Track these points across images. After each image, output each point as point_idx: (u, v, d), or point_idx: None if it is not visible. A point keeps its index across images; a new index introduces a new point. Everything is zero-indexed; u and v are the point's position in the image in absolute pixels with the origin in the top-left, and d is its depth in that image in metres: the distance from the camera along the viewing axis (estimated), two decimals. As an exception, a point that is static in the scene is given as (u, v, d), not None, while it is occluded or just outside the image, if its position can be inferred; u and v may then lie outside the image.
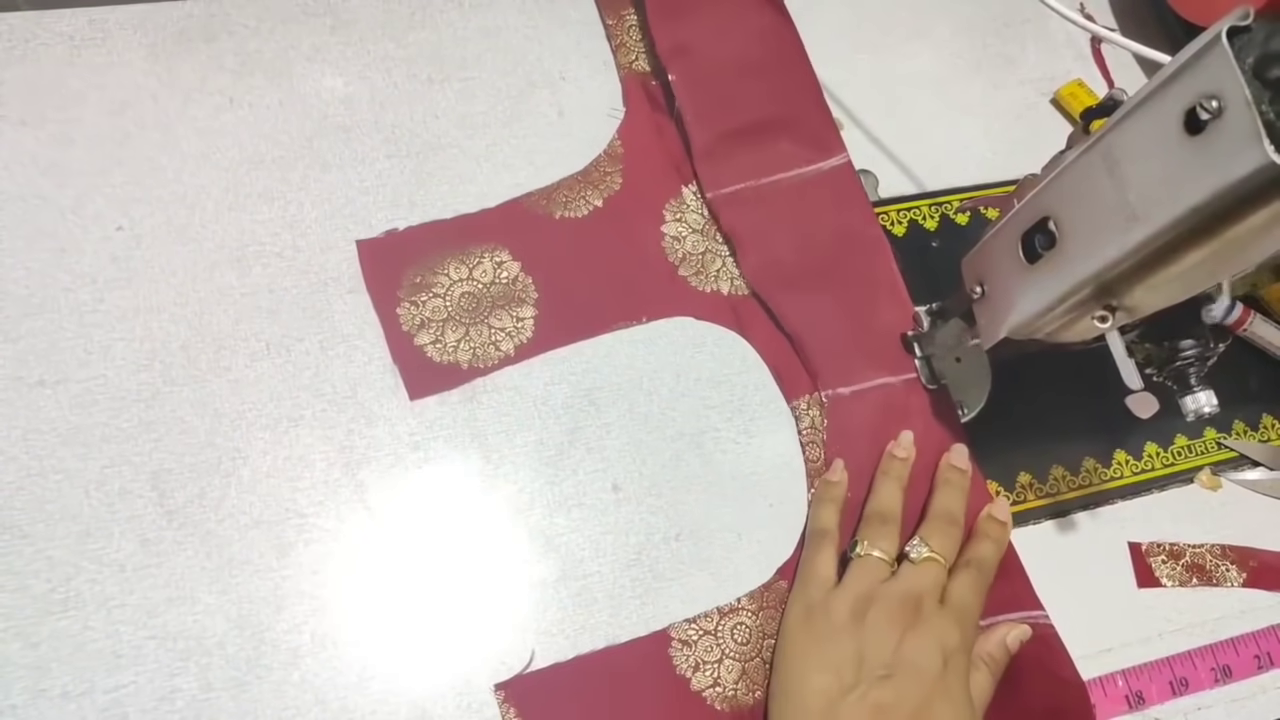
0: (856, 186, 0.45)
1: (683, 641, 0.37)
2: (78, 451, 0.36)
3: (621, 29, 0.48)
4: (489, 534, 0.38)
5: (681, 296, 0.43)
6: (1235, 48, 0.24)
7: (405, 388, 0.39)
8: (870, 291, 0.44)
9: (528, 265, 0.42)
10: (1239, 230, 0.26)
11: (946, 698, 0.34)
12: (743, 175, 0.45)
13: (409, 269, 0.41)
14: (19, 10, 0.42)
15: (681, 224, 0.45)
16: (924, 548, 0.37)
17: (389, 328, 0.40)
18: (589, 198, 0.44)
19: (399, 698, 0.35)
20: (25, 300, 0.38)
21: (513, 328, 0.41)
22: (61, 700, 0.33)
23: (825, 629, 0.35)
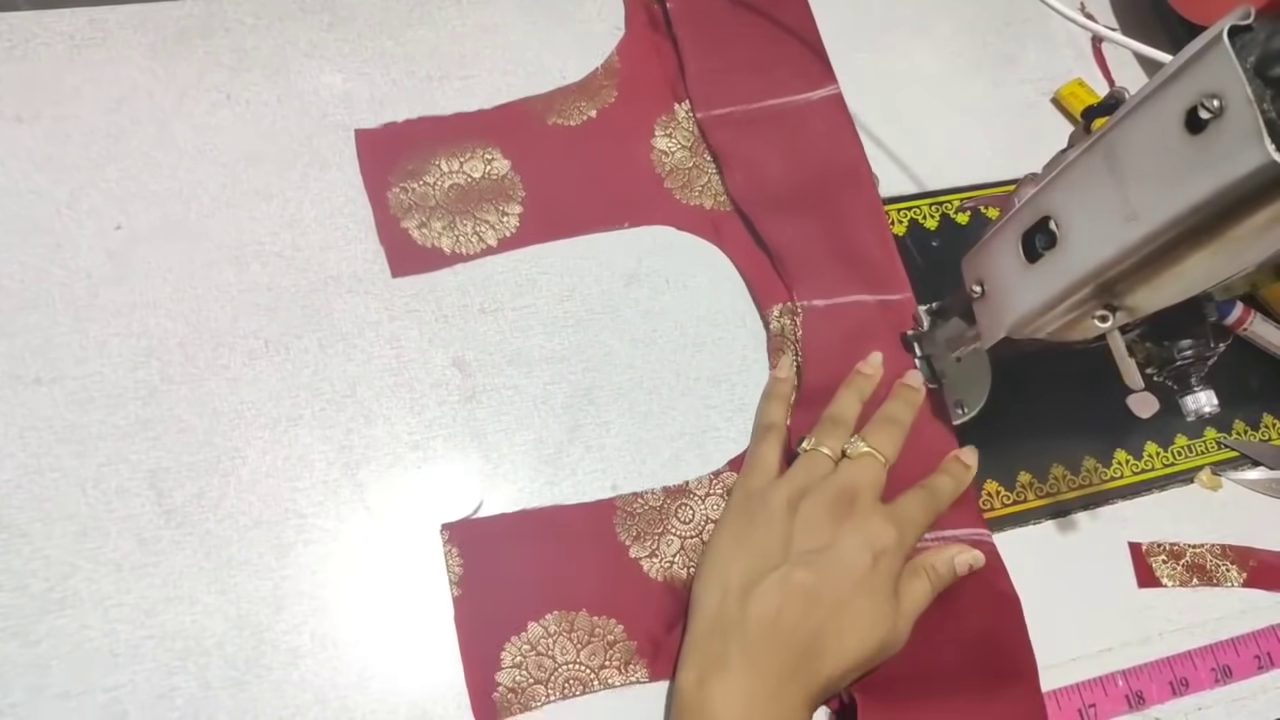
0: (845, 118, 0.47)
1: (628, 513, 0.39)
2: (74, 449, 0.36)
3: None
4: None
5: (665, 207, 0.45)
6: (1236, 47, 0.24)
7: (389, 265, 0.41)
8: (851, 215, 0.45)
9: (518, 164, 0.44)
10: (1239, 230, 0.26)
11: (870, 594, 0.34)
12: (734, 99, 0.46)
13: (403, 158, 0.43)
14: (19, 10, 0.42)
15: (671, 140, 0.46)
16: (862, 443, 0.38)
17: (378, 209, 0.42)
18: (583, 108, 0.46)
19: (398, 697, 0.35)
20: (21, 296, 0.38)
21: (498, 221, 0.42)
22: (60, 699, 0.33)
23: (760, 516, 0.36)
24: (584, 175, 0.45)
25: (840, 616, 0.34)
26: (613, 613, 0.37)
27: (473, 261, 0.42)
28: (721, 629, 0.34)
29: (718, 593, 0.35)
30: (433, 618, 0.37)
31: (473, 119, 0.44)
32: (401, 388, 0.39)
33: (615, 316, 0.43)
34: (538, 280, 0.43)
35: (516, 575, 0.37)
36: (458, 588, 0.36)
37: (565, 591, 0.37)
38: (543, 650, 0.36)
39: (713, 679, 0.33)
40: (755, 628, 0.33)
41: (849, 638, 0.34)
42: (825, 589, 0.34)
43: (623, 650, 0.36)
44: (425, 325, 0.41)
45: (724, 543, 0.37)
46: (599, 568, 0.38)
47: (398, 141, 0.43)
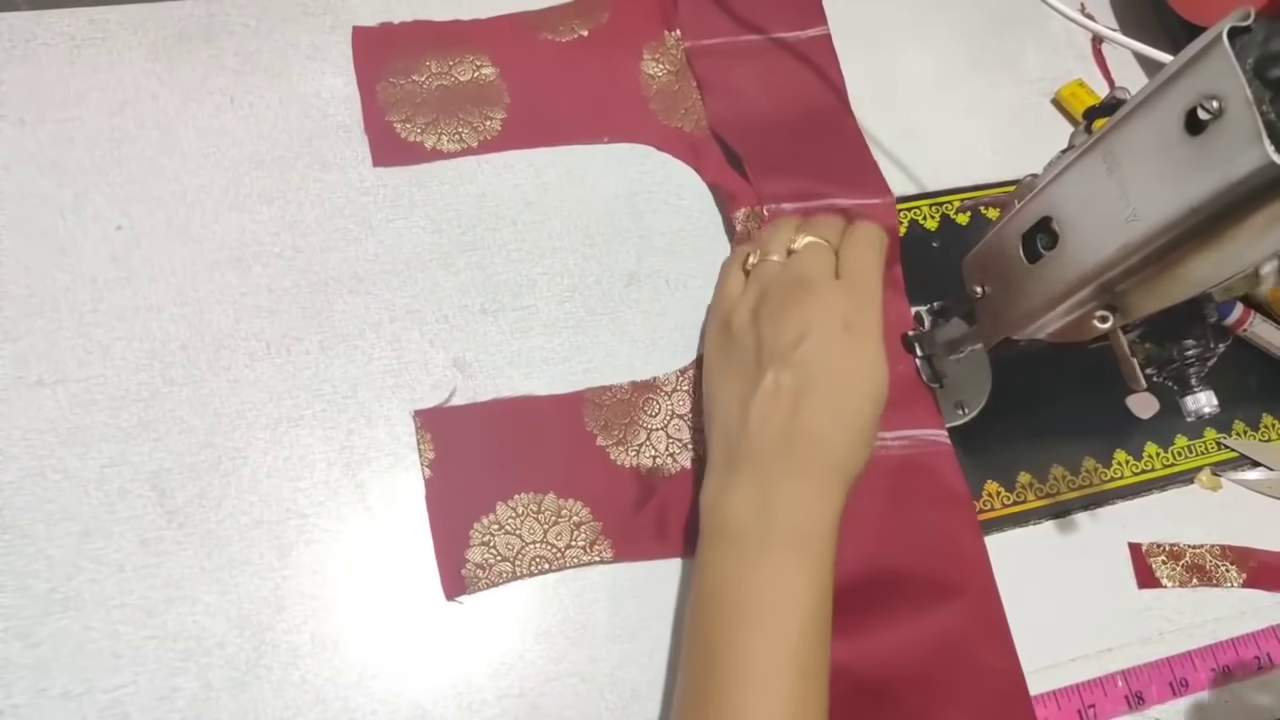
0: (832, 59, 0.48)
1: (596, 404, 0.40)
2: (77, 451, 0.36)
3: None
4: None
5: (647, 126, 0.46)
6: (1236, 48, 0.24)
7: (371, 154, 0.42)
8: (830, 143, 0.46)
9: (505, 73, 0.45)
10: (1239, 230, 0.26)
11: (856, 355, 0.35)
12: (723, 30, 0.48)
13: (395, 56, 0.44)
14: (19, 10, 0.42)
15: (659, 64, 0.47)
16: (804, 236, 0.38)
17: (366, 100, 0.43)
18: (575, 26, 0.47)
19: (399, 697, 0.35)
20: (24, 300, 0.38)
21: (480, 124, 0.43)
22: (62, 700, 0.33)
23: (732, 339, 0.37)
24: (569, 88, 0.45)
25: (836, 396, 0.34)
26: (579, 495, 0.38)
27: (453, 159, 0.43)
28: (729, 451, 0.35)
29: (719, 423, 0.36)
30: (433, 618, 0.37)
31: (467, 26, 0.46)
32: (402, 389, 0.40)
33: (615, 318, 0.43)
34: (537, 281, 0.43)
35: (486, 459, 0.38)
36: (429, 469, 0.37)
37: (533, 474, 0.38)
38: (510, 530, 0.37)
39: (726, 492, 0.34)
40: (758, 439, 0.34)
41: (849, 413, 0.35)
42: (813, 375, 0.34)
43: (588, 531, 0.38)
44: (426, 326, 0.41)
45: (712, 378, 0.38)
46: (567, 453, 0.39)
47: (392, 40, 0.44)
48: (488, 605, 0.37)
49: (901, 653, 0.37)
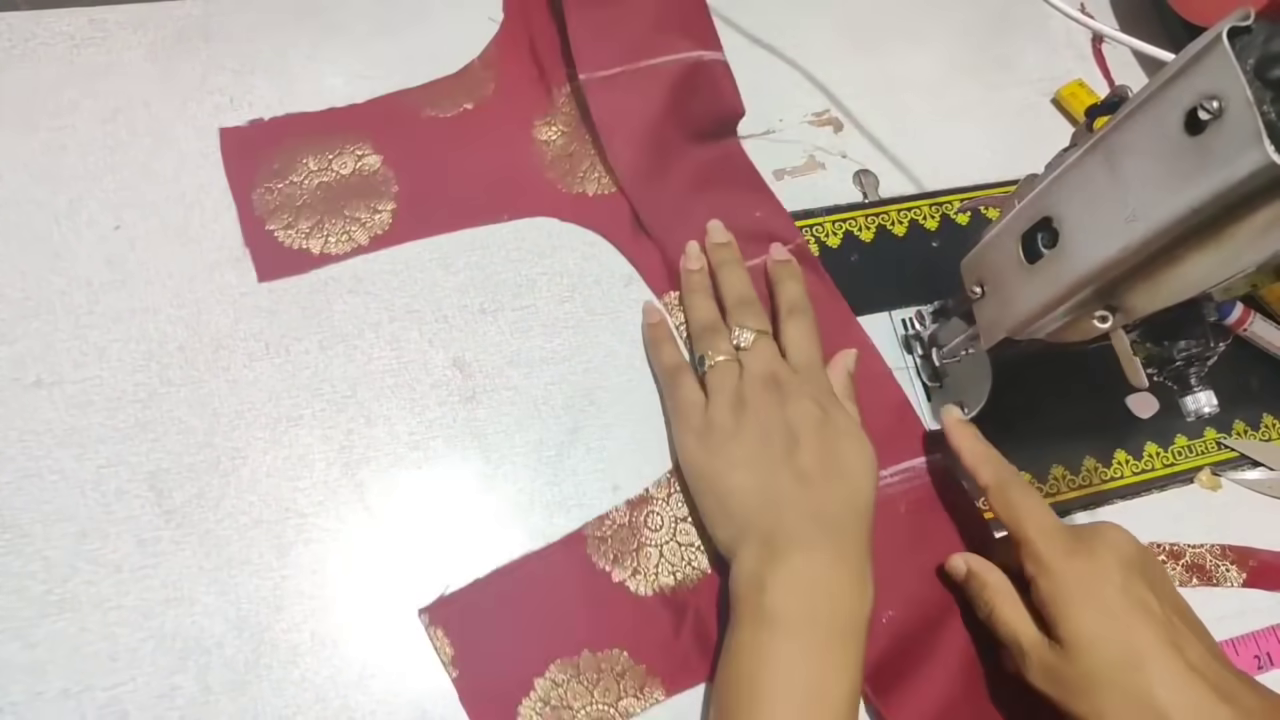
0: (730, 86, 0.45)
1: (599, 539, 0.38)
2: (74, 452, 0.36)
3: None
4: (489, 534, 0.38)
5: (547, 197, 0.44)
6: (1236, 48, 0.24)
7: (254, 269, 0.40)
8: (732, 187, 0.45)
9: (390, 159, 0.42)
10: (1239, 230, 0.26)
11: (844, 436, 0.37)
12: (619, 58, 0.44)
13: (270, 157, 0.41)
14: (19, 10, 0.42)
15: (552, 128, 0.45)
16: (745, 332, 0.39)
17: (243, 211, 0.40)
18: (460, 99, 0.44)
19: (399, 697, 0.35)
20: (21, 302, 0.38)
21: (369, 219, 0.41)
22: (60, 700, 0.33)
23: (719, 440, 0.37)
24: (460, 168, 0.43)
25: (846, 481, 0.36)
26: (614, 643, 0.36)
27: (343, 261, 0.40)
28: (765, 535, 0.34)
29: (738, 514, 0.35)
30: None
31: (343, 114, 0.43)
32: (402, 388, 0.39)
33: (615, 317, 0.43)
34: (537, 281, 0.43)
35: (509, 637, 0.36)
36: (454, 668, 0.35)
37: (562, 638, 0.36)
38: (557, 702, 0.35)
39: (767, 576, 0.33)
40: (794, 523, 0.34)
41: (860, 478, 0.36)
42: (820, 457, 0.36)
43: (634, 676, 0.36)
44: (425, 326, 0.41)
45: (709, 484, 0.37)
46: (587, 604, 0.37)
47: (264, 140, 0.42)
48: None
49: (953, 684, 0.37)
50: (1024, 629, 0.34)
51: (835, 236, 0.46)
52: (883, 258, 0.46)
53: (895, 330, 0.45)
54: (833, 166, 0.49)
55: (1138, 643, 0.32)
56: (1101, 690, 0.32)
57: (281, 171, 0.41)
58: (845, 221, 0.47)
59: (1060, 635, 0.33)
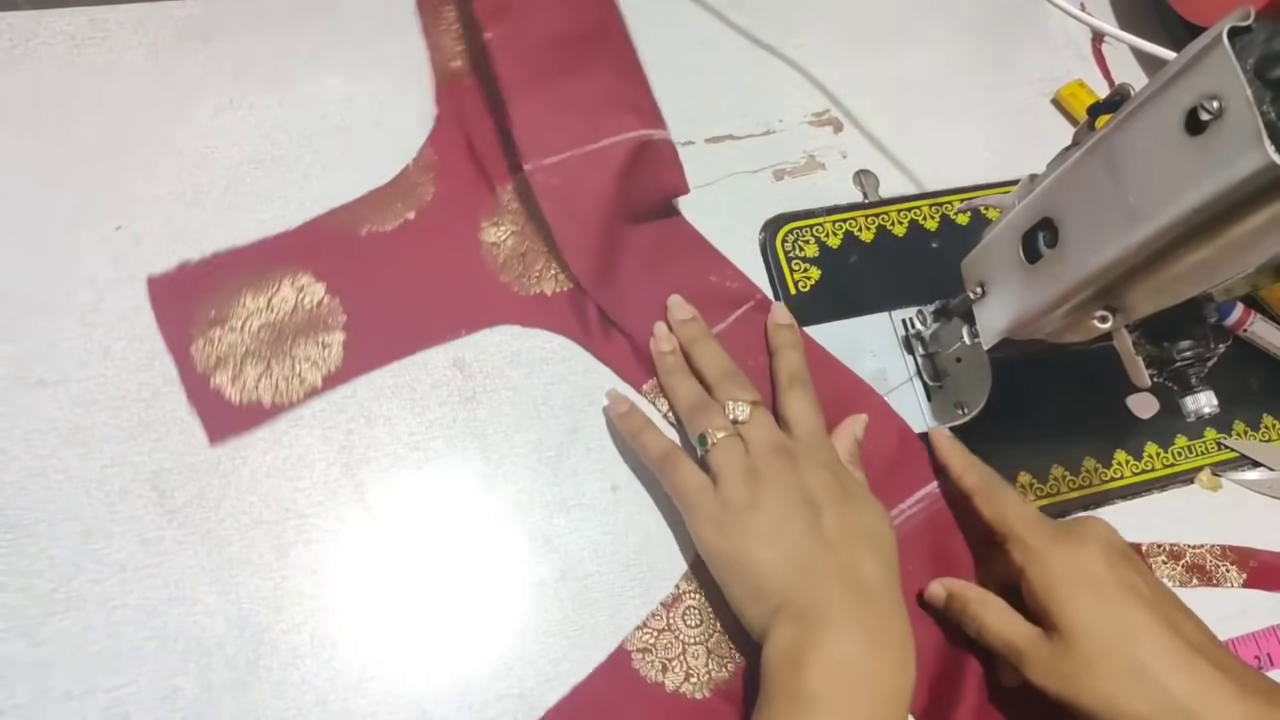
0: (676, 165, 0.43)
1: (641, 650, 0.37)
2: (78, 451, 0.36)
3: (437, 30, 0.45)
4: (489, 534, 0.38)
5: (505, 304, 0.41)
6: (1236, 48, 0.24)
7: (204, 431, 0.37)
8: (682, 258, 0.44)
9: (333, 287, 0.39)
10: (1239, 230, 0.26)
11: (858, 502, 0.36)
12: (566, 143, 0.41)
13: (203, 303, 0.38)
14: (19, 10, 0.42)
15: (500, 228, 0.42)
16: (739, 405, 0.38)
17: (183, 369, 0.37)
18: (399, 210, 0.41)
19: (399, 698, 0.35)
20: (24, 301, 0.38)
21: (319, 356, 0.38)
22: (63, 700, 0.33)
23: (739, 518, 0.35)
24: (409, 285, 0.40)
25: (869, 533, 0.36)
26: None
27: (298, 408, 0.38)
28: (801, 610, 0.33)
29: (774, 589, 0.34)
30: (433, 618, 0.37)
31: (276, 244, 0.40)
32: (402, 388, 0.40)
33: (616, 317, 0.43)
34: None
35: None
36: None
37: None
38: None
39: (806, 643, 0.32)
40: (835, 594, 0.33)
41: (884, 540, 0.36)
42: (841, 524, 0.35)
43: None
44: (426, 326, 0.41)
45: (739, 567, 0.35)
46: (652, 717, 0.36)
47: (196, 284, 0.38)
48: (488, 605, 0.37)
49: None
50: (1017, 629, 0.35)
51: (835, 236, 0.46)
52: (883, 258, 0.46)
53: (895, 330, 0.45)
54: (833, 166, 0.49)
55: (1132, 622, 0.32)
56: (1103, 672, 0.32)
57: (219, 317, 0.38)
58: (845, 221, 0.47)
59: (1055, 623, 0.33)
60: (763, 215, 0.47)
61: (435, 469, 0.39)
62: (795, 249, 0.46)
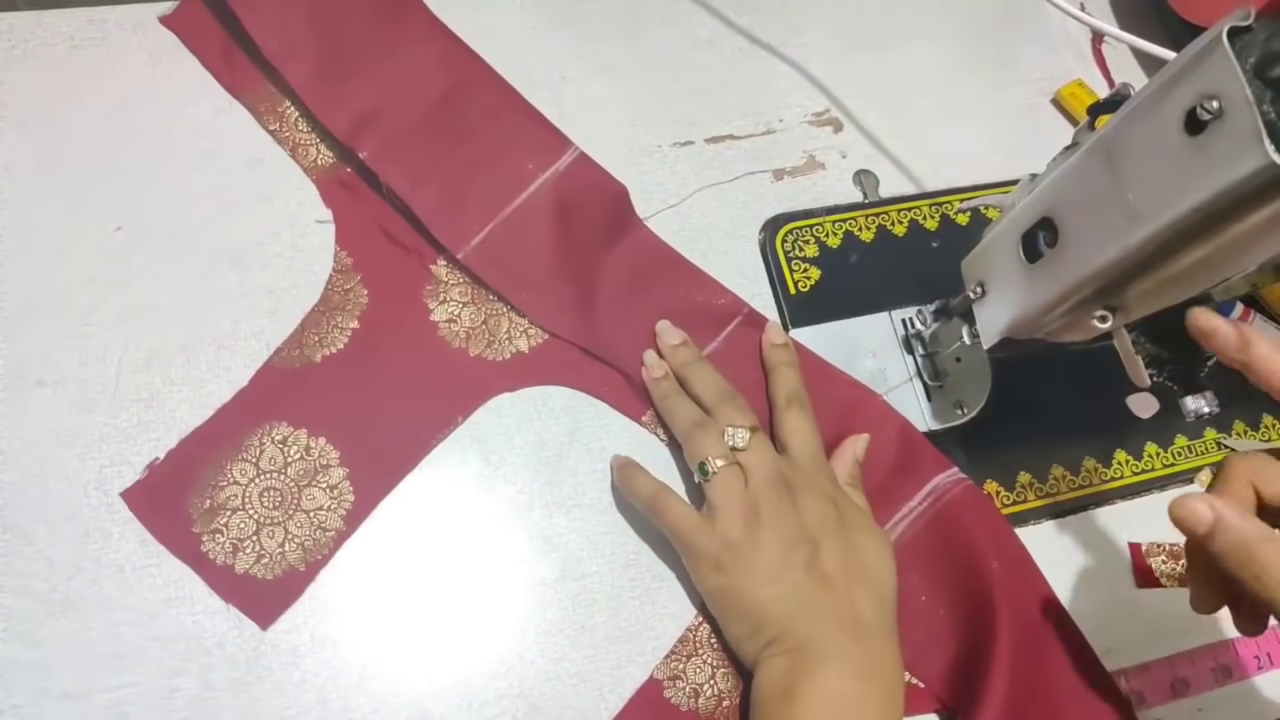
0: (600, 174, 0.42)
1: (672, 678, 0.37)
2: (77, 452, 0.36)
3: (287, 126, 0.42)
4: (488, 534, 0.38)
5: (486, 376, 0.40)
6: (1236, 48, 0.24)
7: (253, 622, 0.35)
8: (662, 277, 0.43)
9: (314, 428, 0.38)
10: (1239, 230, 0.26)
11: (858, 530, 0.36)
12: (483, 217, 0.40)
13: (191, 496, 0.36)
14: (19, 10, 0.42)
15: (449, 304, 0.40)
16: (738, 430, 0.37)
17: (204, 570, 0.35)
18: (341, 324, 0.39)
19: (399, 697, 0.35)
20: (24, 301, 0.38)
21: (330, 500, 0.37)
22: (63, 700, 0.33)
23: (740, 557, 0.35)
24: (385, 395, 0.39)
25: (866, 569, 0.36)
26: None
27: (334, 559, 0.36)
28: (797, 645, 0.34)
29: (771, 625, 0.34)
30: (433, 618, 0.37)
31: (236, 407, 0.37)
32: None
33: (616, 317, 0.43)
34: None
35: None
36: None
37: None
38: None
39: (798, 677, 0.33)
40: (831, 631, 0.34)
41: (881, 573, 0.36)
42: (841, 558, 0.35)
43: None
44: (426, 326, 0.41)
45: (739, 605, 0.35)
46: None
47: (174, 482, 0.36)
48: (488, 605, 0.37)
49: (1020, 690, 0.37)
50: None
51: (835, 236, 0.47)
52: (883, 258, 0.46)
53: (895, 330, 0.45)
54: (833, 166, 0.49)
55: None
56: None
57: (216, 504, 0.36)
58: (845, 221, 0.47)
59: None
60: (763, 215, 0.47)
61: (435, 469, 0.39)
62: (795, 249, 0.46)
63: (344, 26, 0.42)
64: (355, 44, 0.42)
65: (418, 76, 0.42)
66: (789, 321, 0.44)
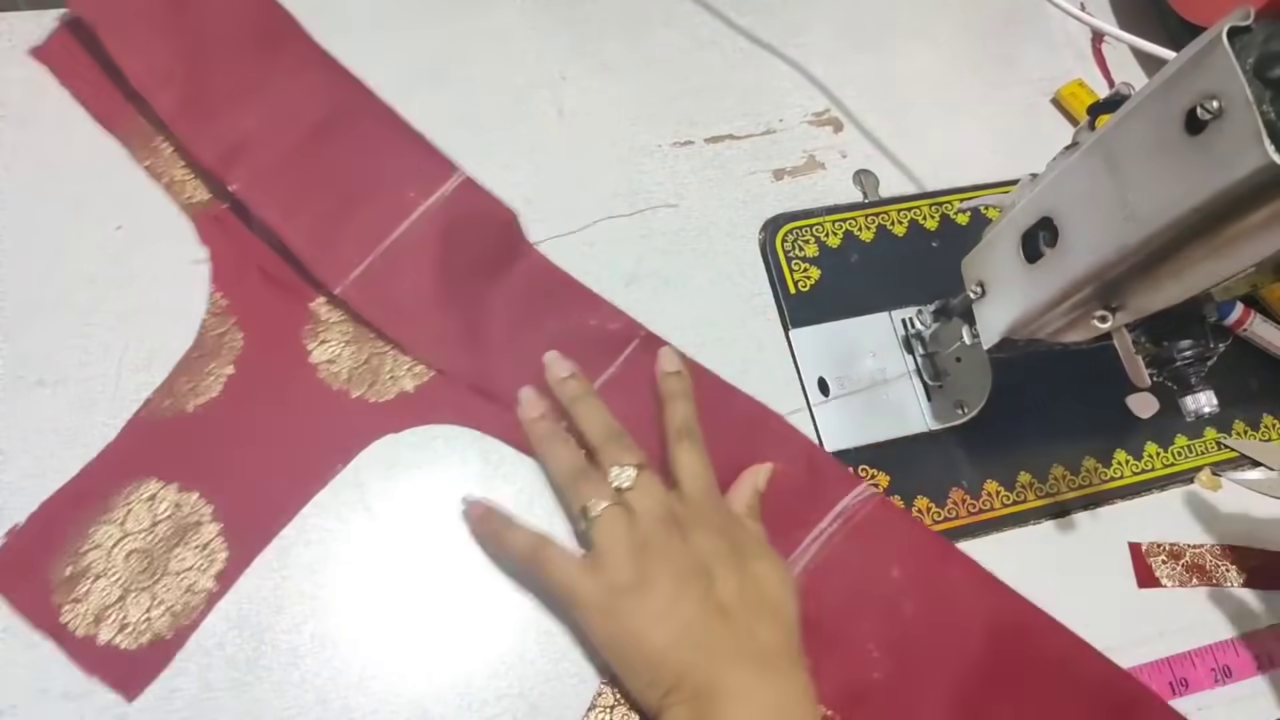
0: (487, 200, 0.41)
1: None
2: (78, 452, 0.36)
3: (161, 162, 0.40)
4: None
5: (368, 419, 0.38)
6: (1236, 48, 0.24)
7: (119, 694, 0.33)
8: (553, 302, 0.41)
9: (185, 483, 0.35)
10: (1239, 230, 0.26)
11: (756, 559, 0.35)
12: (361, 249, 0.39)
13: (52, 564, 0.34)
14: (19, 10, 0.42)
15: (329, 344, 0.38)
16: (623, 469, 0.35)
17: (64, 642, 0.33)
18: (215, 371, 0.37)
19: (400, 697, 0.35)
20: (24, 300, 0.38)
21: (201, 560, 0.35)
22: (63, 700, 0.33)
23: (628, 599, 0.33)
24: (262, 445, 0.37)
25: (765, 596, 0.34)
26: None
27: (203, 624, 0.34)
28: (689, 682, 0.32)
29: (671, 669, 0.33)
30: (433, 618, 0.37)
31: (104, 463, 0.35)
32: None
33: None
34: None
35: None
36: None
37: None
38: None
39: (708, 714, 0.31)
40: (719, 664, 0.32)
41: (781, 599, 0.35)
42: (738, 590, 0.34)
43: None
44: (426, 326, 0.41)
45: (632, 647, 0.33)
46: None
47: (33, 550, 0.34)
48: (488, 605, 0.37)
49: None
50: None
51: (835, 236, 0.47)
52: (883, 258, 0.46)
53: (895, 330, 0.45)
54: (833, 166, 0.49)
55: None
56: None
57: (77, 572, 0.34)
58: (845, 221, 0.47)
59: None
60: (763, 215, 0.47)
61: (435, 469, 0.39)
62: (795, 249, 0.46)
63: (216, 54, 0.40)
64: (227, 72, 0.40)
65: (292, 105, 0.40)
66: (789, 321, 0.44)
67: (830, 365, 0.44)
